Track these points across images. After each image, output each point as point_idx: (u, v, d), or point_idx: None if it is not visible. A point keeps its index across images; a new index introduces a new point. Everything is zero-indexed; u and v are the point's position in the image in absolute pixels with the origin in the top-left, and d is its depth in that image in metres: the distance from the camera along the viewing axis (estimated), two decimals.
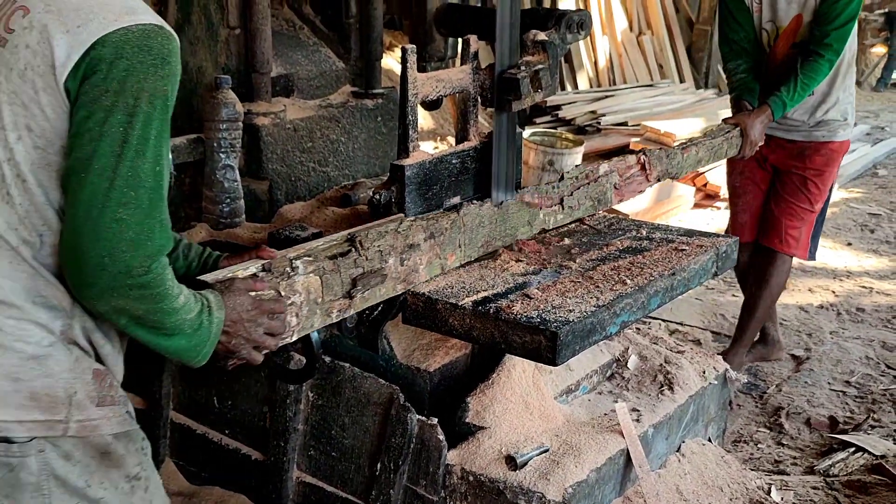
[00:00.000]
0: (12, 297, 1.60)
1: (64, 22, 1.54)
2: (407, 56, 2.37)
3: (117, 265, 1.53)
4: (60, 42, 1.53)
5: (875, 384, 4.06)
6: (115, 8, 1.56)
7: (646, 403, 2.73)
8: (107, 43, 1.53)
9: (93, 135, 1.52)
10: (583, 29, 2.75)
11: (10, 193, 1.58)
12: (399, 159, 2.44)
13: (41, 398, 1.61)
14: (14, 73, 1.56)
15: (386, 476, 2.42)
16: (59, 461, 1.65)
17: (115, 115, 1.52)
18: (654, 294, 2.41)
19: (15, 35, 1.57)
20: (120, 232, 1.52)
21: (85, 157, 1.52)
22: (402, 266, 2.27)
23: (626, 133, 7.71)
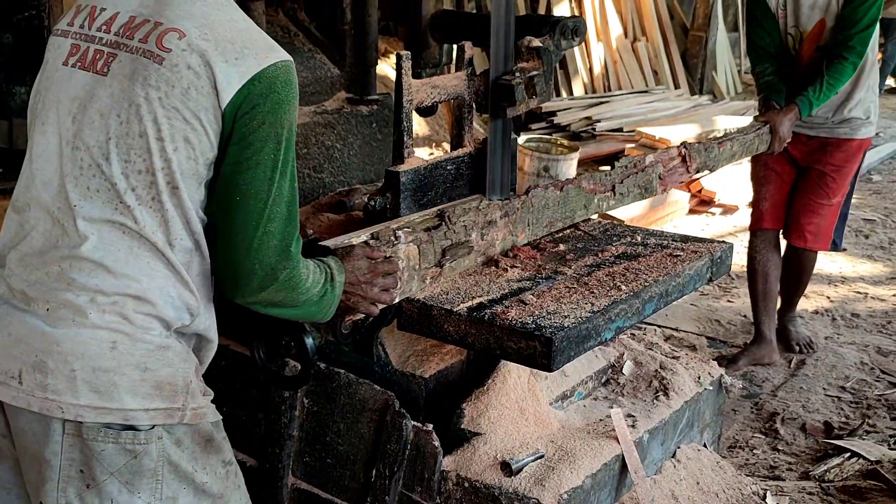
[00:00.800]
0: (148, 294, 1.73)
1: (222, 52, 1.70)
2: (402, 62, 2.38)
3: (265, 269, 1.77)
4: (222, 70, 1.69)
5: (870, 389, 4.07)
6: (261, 44, 1.75)
7: (641, 409, 2.73)
8: (262, 79, 1.70)
9: (250, 164, 1.72)
10: (577, 35, 2.76)
11: (160, 200, 1.72)
12: (394, 165, 2.45)
13: (164, 387, 1.75)
14: (176, 90, 1.69)
15: (381, 482, 2.42)
16: (173, 448, 1.78)
17: (269, 144, 1.72)
18: (648, 300, 2.41)
19: (173, 55, 1.70)
20: (268, 242, 1.76)
21: (243, 183, 1.73)
22: (483, 240, 2.47)
23: (621, 139, 7.73)
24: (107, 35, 1.77)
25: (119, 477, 1.74)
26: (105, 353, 1.71)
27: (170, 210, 1.73)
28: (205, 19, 1.73)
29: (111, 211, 1.72)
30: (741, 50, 11.81)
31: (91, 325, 1.71)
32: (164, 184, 1.72)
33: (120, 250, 1.72)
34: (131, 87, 1.71)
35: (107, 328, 1.71)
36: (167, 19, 1.73)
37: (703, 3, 10.38)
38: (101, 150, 1.72)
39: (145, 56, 1.71)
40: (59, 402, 1.70)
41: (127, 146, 1.71)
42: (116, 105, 1.72)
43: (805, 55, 4.02)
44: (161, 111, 1.69)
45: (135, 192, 1.72)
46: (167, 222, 1.73)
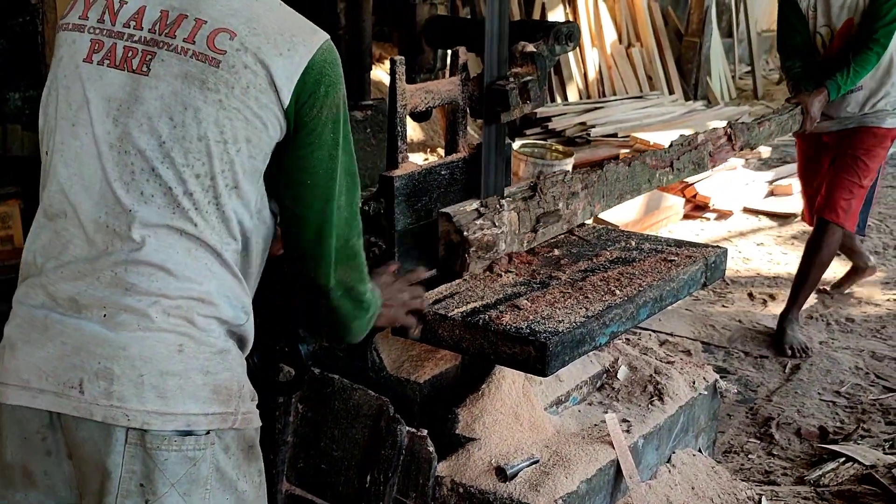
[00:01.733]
0: (210, 296, 1.71)
1: (275, 45, 1.68)
2: (396, 67, 2.38)
3: (340, 240, 1.81)
4: (277, 64, 1.67)
5: (865, 394, 4.07)
6: (306, 27, 1.74)
7: (636, 414, 2.73)
8: (314, 65, 1.70)
9: (313, 147, 1.74)
10: (571, 41, 2.76)
11: (219, 202, 1.69)
12: (388, 171, 2.44)
13: (221, 391, 1.73)
14: (236, 90, 1.66)
15: (375, 488, 2.41)
16: (222, 454, 1.74)
17: (328, 125, 1.74)
18: (643, 304, 2.41)
19: (228, 56, 1.66)
20: (340, 215, 1.79)
21: (310, 166, 1.75)
22: (568, 209, 2.74)
23: (615, 144, 7.73)
24: (138, 32, 1.70)
25: (178, 488, 1.69)
26: (173, 357, 1.67)
27: (227, 211, 1.71)
28: (249, 12, 1.70)
29: (169, 215, 1.68)
30: (735, 55, 11.85)
31: (157, 328, 1.66)
32: (223, 186, 1.69)
33: (179, 253, 1.68)
34: (186, 89, 1.67)
35: (173, 331, 1.67)
36: (210, 18, 1.68)
37: (697, 8, 10.41)
38: (154, 153, 1.67)
39: (198, 59, 1.67)
40: (125, 409, 1.64)
41: (184, 150, 1.67)
42: (168, 108, 1.67)
43: (835, 52, 4.35)
44: (222, 113, 1.66)
45: (192, 196, 1.68)
46: (224, 223, 1.71)
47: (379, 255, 2.47)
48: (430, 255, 2.53)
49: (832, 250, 4.58)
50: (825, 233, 4.49)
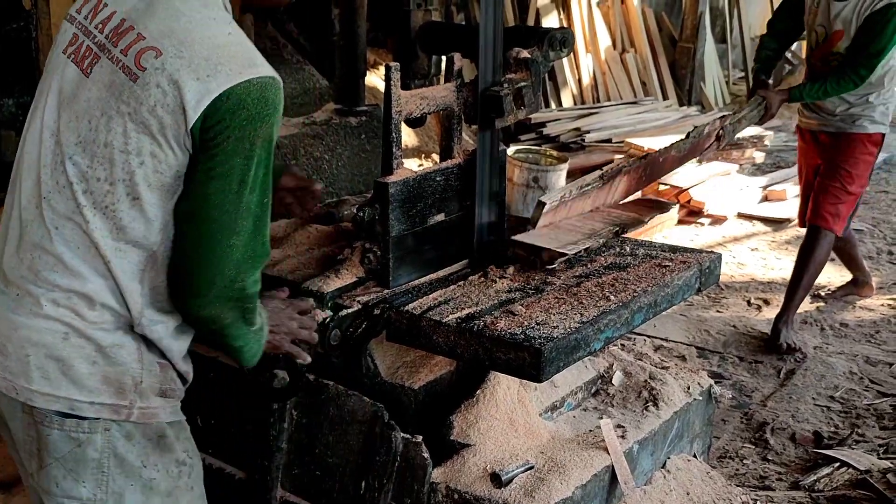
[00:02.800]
0: (100, 294, 1.79)
1: (195, 70, 1.71)
2: (391, 74, 2.38)
3: (224, 280, 1.78)
4: (191, 88, 1.70)
5: (859, 399, 4.07)
6: (240, 60, 1.74)
7: (631, 419, 2.73)
8: (231, 95, 1.70)
9: (215, 174, 1.73)
10: (565, 46, 2.76)
11: (115, 209, 1.76)
12: (383, 177, 2.44)
13: (112, 383, 1.81)
14: (144, 107, 1.72)
15: (371, 495, 2.41)
16: (122, 440, 1.83)
17: (236, 158, 1.73)
18: (637, 310, 2.41)
19: (147, 73, 1.72)
20: (231, 255, 1.77)
21: (208, 193, 1.74)
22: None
23: (609, 150, 7.74)
24: (100, 35, 1.80)
25: (64, 464, 1.82)
26: (58, 344, 1.79)
27: (125, 219, 1.76)
28: (185, 35, 1.74)
29: (73, 209, 1.77)
30: (729, 61, 11.86)
31: (45, 315, 1.79)
32: (123, 194, 1.75)
33: (77, 248, 1.78)
34: (107, 97, 1.75)
35: (60, 321, 1.79)
36: (150, 34, 1.75)
37: (691, 14, 10.42)
38: (70, 149, 1.77)
39: (123, 71, 1.75)
40: (15, 384, 1.80)
41: (91, 153, 1.76)
42: (90, 111, 1.76)
43: (822, 53, 4.43)
44: (130, 126, 1.73)
45: (91, 196, 1.76)
46: (119, 230, 1.77)
47: (374, 261, 2.47)
48: (425, 260, 2.54)
49: (824, 255, 4.62)
50: (815, 239, 4.56)
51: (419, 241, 2.53)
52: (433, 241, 2.56)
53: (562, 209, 2.78)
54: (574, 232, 2.73)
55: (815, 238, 4.57)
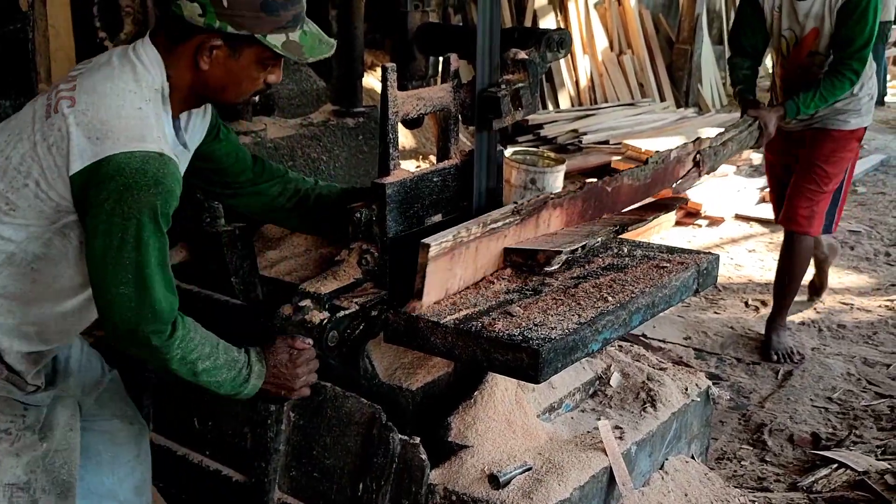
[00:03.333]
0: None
1: (89, 129, 1.94)
2: (387, 74, 2.37)
3: (126, 326, 2.00)
4: (80, 143, 1.93)
5: (857, 400, 4.07)
6: (131, 133, 1.95)
7: (629, 421, 2.72)
8: (111, 162, 1.91)
9: (97, 232, 1.95)
10: (562, 48, 2.77)
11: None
12: (380, 177, 2.44)
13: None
14: (45, 142, 1.97)
15: (368, 496, 2.40)
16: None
17: (115, 217, 1.93)
18: (635, 311, 2.41)
19: (57, 116, 1.97)
20: (122, 304, 1.98)
21: (94, 247, 1.96)
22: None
23: (607, 151, 7.74)
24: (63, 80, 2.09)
25: None
26: None
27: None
28: (99, 98, 1.97)
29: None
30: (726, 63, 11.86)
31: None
32: (1, 202, 2.01)
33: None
34: (29, 122, 2.00)
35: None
36: (79, 87, 2.00)
37: (688, 16, 10.43)
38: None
39: (45, 108, 2.00)
40: None
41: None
42: (12, 128, 2.04)
43: (798, 58, 4.17)
44: (30, 152, 1.97)
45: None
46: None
47: (371, 262, 2.46)
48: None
49: (805, 258, 4.52)
50: (793, 243, 4.45)
51: (416, 242, 2.52)
52: None
53: (461, 253, 2.37)
54: (571, 235, 2.72)
55: (791, 243, 4.46)
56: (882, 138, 9.56)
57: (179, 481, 2.81)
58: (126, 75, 2.02)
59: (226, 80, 2.09)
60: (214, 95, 2.15)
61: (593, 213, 2.82)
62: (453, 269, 2.36)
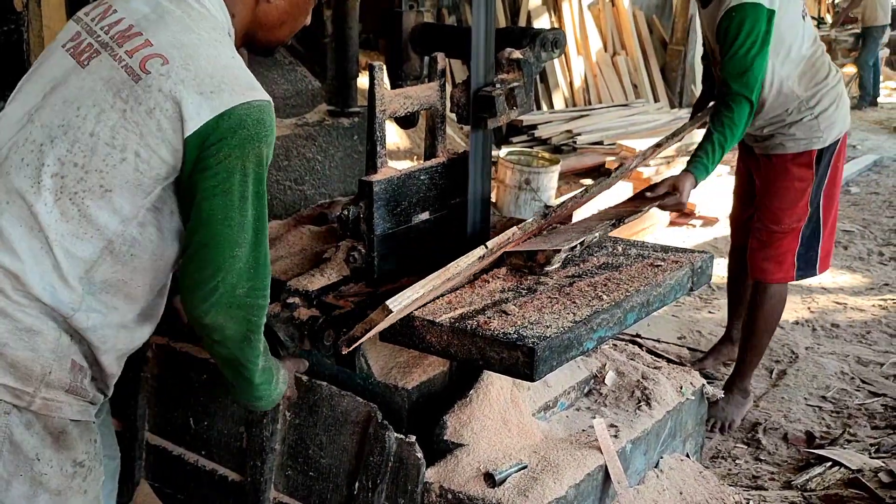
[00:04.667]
0: (28, 277, 1.79)
1: (199, 84, 1.78)
2: (374, 73, 2.38)
3: (228, 286, 1.88)
4: (194, 101, 1.77)
5: (850, 399, 4.08)
6: (242, 82, 1.83)
7: (623, 419, 2.73)
8: (233, 115, 1.78)
9: (217, 191, 1.82)
10: (557, 47, 2.77)
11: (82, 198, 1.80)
12: (367, 175, 2.45)
13: (19, 367, 1.81)
14: (142, 107, 1.78)
15: (364, 495, 2.40)
16: (20, 427, 1.83)
17: (235, 174, 1.81)
18: (630, 309, 2.42)
19: (151, 77, 1.79)
20: (233, 264, 1.87)
21: (213, 207, 1.83)
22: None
23: (601, 152, 7.76)
24: (104, 35, 1.87)
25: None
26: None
27: (91, 208, 1.81)
28: (192, 50, 1.82)
29: (28, 187, 1.80)
30: None
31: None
32: (95, 185, 1.80)
33: (21, 226, 1.80)
34: (102, 90, 1.81)
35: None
36: (158, 42, 1.82)
37: (681, 17, 10.46)
38: (48, 130, 1.82)
39: (126, 70, 1.81)
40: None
41: (74, 138, 1.80)
42: (81, 98, 1.82)
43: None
44: (121, 122, 1.79)
45: (61, 180, 1.80)
46: (77, 219, 1.81)
47: (358, 259, 2.47)
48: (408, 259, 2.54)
49: (773, 310, 3.77)
50: (757, 293, 3.76)
51: (403, 239, 2.53)
52: (418, 240, 2.57)
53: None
54: (567, 233, 2.73)
55: (760, 293, 3.74)
56: (875, 139, 9.60)
57: (175, 481, 2.80)
58: (202, 24, 1.87)
59: (286, 14, 2.03)
60: (267, 34, 2.05)
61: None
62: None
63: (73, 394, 1.89)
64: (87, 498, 1.97)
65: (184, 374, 2.73)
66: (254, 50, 2.12)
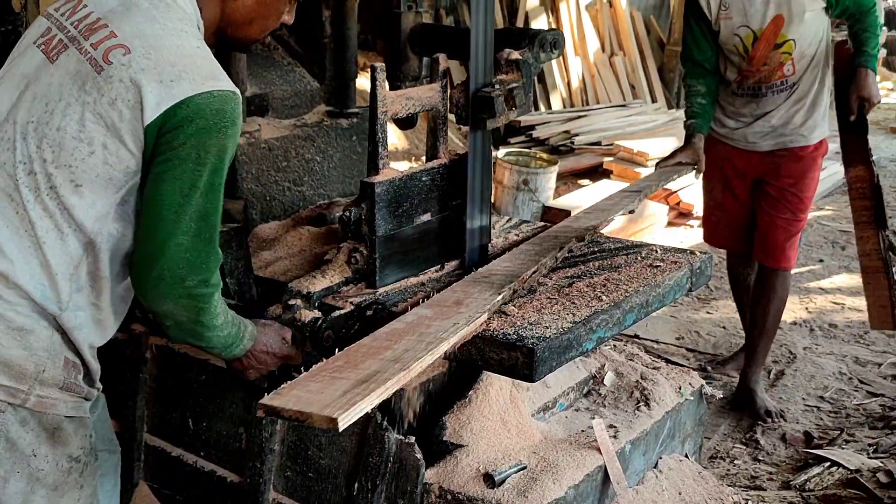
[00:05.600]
0: (19, 277, 1.81)
1: (159, 73, 1.78)
2: (376, 74, 2.38)
3: (174, 277, 1.85)
4: (153, 89, 1.77)
5: (848, 399, 4.09)
6: (203, 72, 1.82)
7: (623, 420, 2.73)
8: (191, 104, 1.78)
9: (166, 177, 1.80)
10: (556, 48, 2.77)
11: (58, 194, 1.80)
12: (369, 176, 2.44)
13: (13, 366, 1.82)
14: (105, 98, 1.79)
15: (364, 496, 2.40)
16: (16, 425, 1.84)
17: (188, 163, 1.80)
18: (629, 310, 2.41)
19: (113, 67, 1.79)
20: (179, 252, 1.84)
21: (161, 193, 1.81)
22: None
23: (599, 152, 7.76)
24: (73, 29, 1.88)
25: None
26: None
27: (67, 203, 1.81)
28: (155, 40, 1.82)
29: (11, 185, 1.81)
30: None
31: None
32: (66, 180, 1.80)
33: (8, 227, 1.81)
34: (69, 84, 1.82)
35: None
36: (122, 34, 1.83)
37: (678, 18, 10.43)
38: (22, 128, 1.83)
39: (90, 63, 1.82)
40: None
41: (42, 135, 1.81)
42: (49, 94, 1.83)
43: (759, 56, 3.76)
44: (88, 115, 1.80)
45: (35, 178, 1.81)
46: (58, 216, 1.81)
47: (360, 261, 2.47)
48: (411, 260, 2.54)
49: (786, 295, 4.02)
50: (775, 280, 3.94)
51: (405, 240, 2.53)
52: (419, 242, 2.57)
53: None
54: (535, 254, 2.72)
55: (773, 280, 3.94)
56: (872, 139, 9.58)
57: (174, 482, 2.80)
58: (168, 14, 1.87)
59: (255, 12, 2.02)
60: (237, 31, 2.05)
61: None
62: None
63: (67, 390, 1.91)
64: (84, 493, 1.99)
65: (182, 375, 2.72)
66: (227, 46, 2.12)
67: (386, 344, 2.07)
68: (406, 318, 2.23)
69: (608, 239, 2.95)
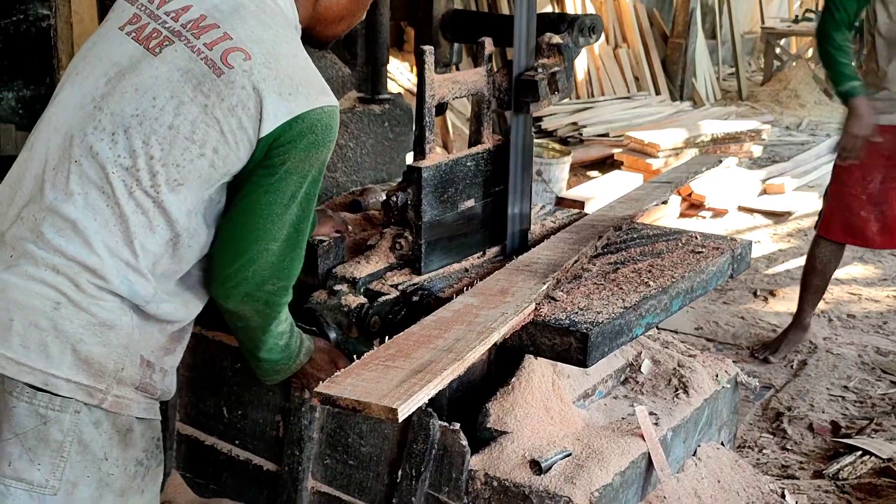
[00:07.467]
0: (105, 270, 1.75)
1: (279, 84, 1.76)
2: (424, 57, 2.36)
3: (258, 279, 1.86)
4: (273, 101, 1.75)
5: (873, 389, 4.08)
6: (316, 85, 1.82)
7: (662, 407, 2.71)
8: (306, 119, 1.77)
9: (272, 188, 1.81)
10: (594, 33, 2.74)
11: (157, 191, 1.76)
12: (416, 161, 2.42)
13: (93, 364, 1.76)
14: (224, 103, 1.75)
15: (407, 483, 2.38)
16: (90, 426, 1.78)
17: (293, 175, 1.80)
18: (675, 296, 2.40)
19: (233, 72, 1.75)
20: (266, 258, 1.85)
21: (262, 202, 1.81)
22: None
23: (608, 144, 7.75)
24: (173, 22, 1.81)
25: (24, 441, 1.73)
26: (47, 312, 1.72)
27: (163, 202, 1.77)
28: (272, 48, 1.79)
29: (104, 178, 1.75)
30: (719, 57, 11.90)
31: (41, 280, 1.72)
32: (170, 178, 1.76)
33: (96, 218, 1.75)
34: (181, 82, 1.76)
35: (55, 288, 1.72)
36: (238, 37, 1.79)
37: (682, 11, 10.46)
38: (122, 119, 1.75)
39: (207, 63, 1.77)
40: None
41: (150, 130, 1.75)
42: (156, 88, 1.76)
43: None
44: (202, 117, 1.75)
45: (134, 173, 1.75)
46: (150, 212, 1.77)
47: (405, 246, 2.44)
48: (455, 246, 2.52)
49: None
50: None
51: (449, 226, 2.50)
52: (463, 227, 2.54)
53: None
54: None
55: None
56: None
57: (207, 471, 2.77)
58: (276, 20, 1.85)
59: (346, 10, 2.00)
60: (325, 29, 2.02)
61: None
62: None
63: (142, 390, 1.87)
64: (145, 498, 1.94)
65: (217, 363, 2.69)
66: (309, 44, 2.05)
67: (436, 333, 2.05)
68: (452, 306, 2.20)
69: (645, 226, 2.93)
